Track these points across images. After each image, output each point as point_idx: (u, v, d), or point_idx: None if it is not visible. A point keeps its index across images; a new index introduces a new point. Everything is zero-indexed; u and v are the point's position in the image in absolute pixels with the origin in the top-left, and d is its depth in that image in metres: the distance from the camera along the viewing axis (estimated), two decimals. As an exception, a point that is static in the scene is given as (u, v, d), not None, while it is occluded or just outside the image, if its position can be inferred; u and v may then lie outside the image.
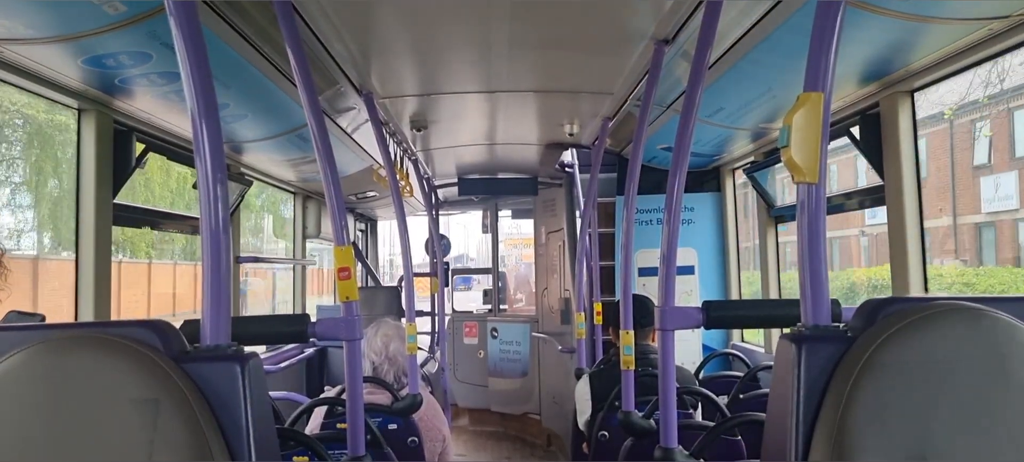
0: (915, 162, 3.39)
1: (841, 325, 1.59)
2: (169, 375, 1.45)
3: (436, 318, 7.81)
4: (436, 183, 7.64)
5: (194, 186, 1.71)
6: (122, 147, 3.36)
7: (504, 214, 9.78)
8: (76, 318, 3.21)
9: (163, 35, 2.53)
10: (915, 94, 3.37)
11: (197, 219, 1.70)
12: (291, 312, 6.66)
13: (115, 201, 3.34)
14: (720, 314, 2.32)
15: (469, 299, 12.90)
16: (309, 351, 6.41)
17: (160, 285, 16.36)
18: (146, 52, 2.71)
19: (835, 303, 1.67)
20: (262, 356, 5.46)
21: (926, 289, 3.39)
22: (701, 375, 4.82)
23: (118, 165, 3.33)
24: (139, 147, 3.49)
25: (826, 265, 1.62)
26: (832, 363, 1.47)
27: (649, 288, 5.47)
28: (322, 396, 3.57)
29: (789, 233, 4.45)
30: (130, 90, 3.11)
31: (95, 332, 1.52)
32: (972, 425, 1.33)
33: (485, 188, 7.65)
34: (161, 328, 1.56)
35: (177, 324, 1.68)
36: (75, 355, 1.44)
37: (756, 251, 5.34)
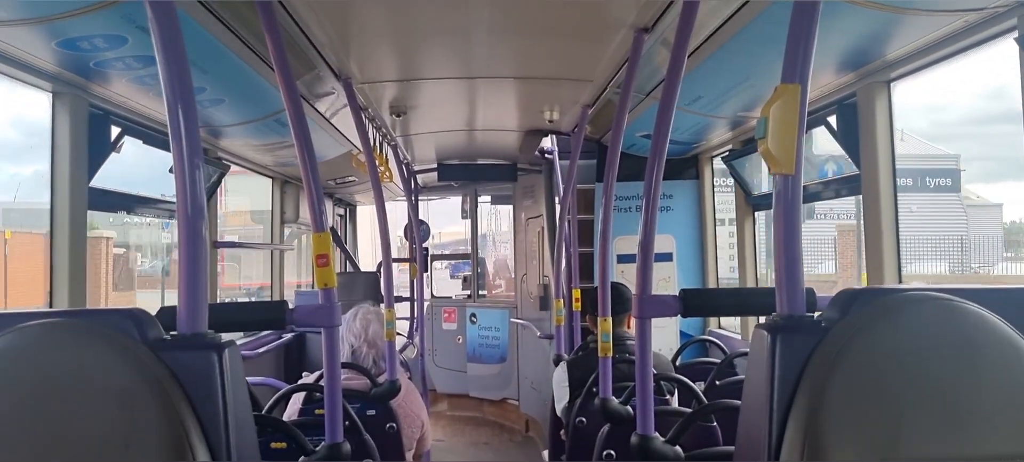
0: (891, 153, 3.41)
1: (816, 315, 1.60)
2: (146, 363, 1.44)
3: (415, 304, 7.80)
4: (416, 168, 7.61)
5: (171, 170, 1.70)
6: (98, 131, 3.33)
7: (484, 200, 9.77)
8: (51, 305, 3.18)
9: (139, 18, 2.50)
10: (892, 85, 3.40)
11: (174, 203, 1.69)
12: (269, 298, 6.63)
13: (91, 185, 3.30)
14: (697, 302, 2.33)
15: (449, 285, 12.86)
16: (287, 336, 6.39)
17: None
18: (122, 35, 2.68)
19: (810, 292, 1.69)
20: (240, 341, 5.44)
21: (900, 279, 3.43)
22: (678, 361, 4.85)
23: (94, 149, 3.30)
24: (115, 131, 3.45)
25: (801, 255, 1.63)
26: (806, 353, 1.48)
27: (627, 275, 5.48)
28: (300, 382, 3.56)
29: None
30: (106, 74, 3.07)
31: (71, 320, 1.50)
32: (944, 415, 1.35)
33: (465, 174, 7.65)
34: (137, 316, 1.55)
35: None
36: (51, 343, 1.43)
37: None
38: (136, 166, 4.01)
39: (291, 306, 2.34)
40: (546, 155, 6.50)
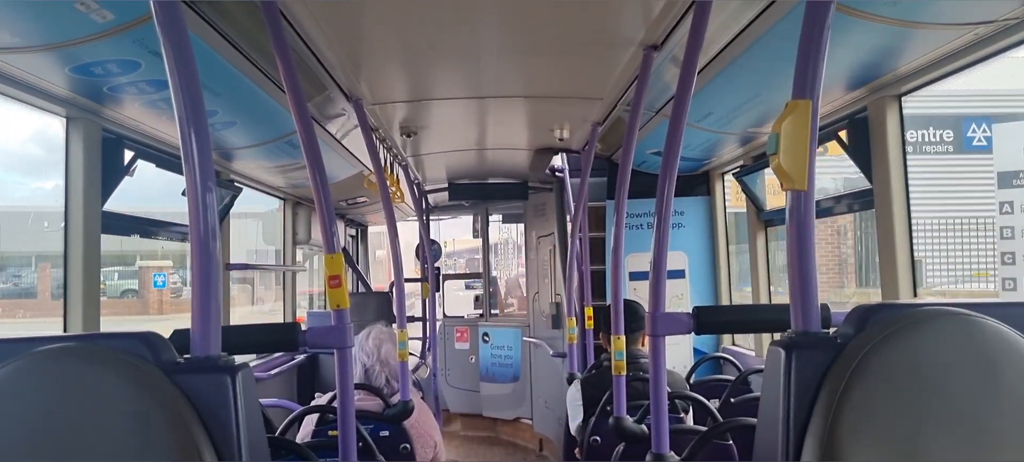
0: (903, 166, 3.40)
1: (831, 331, 1.59)
2: (159, 387, 1.44)
3: (427, 323, 7.80)
4: (427, 188, 7.63)
5: (183, 193, 1.71)
6: (111, 155, 3.35)
7: (495, 219, 9.77)
8: (65, 329, 3.19)
9: (151, 43, 2.52)
10: (903, 99, 3.39)
11: (187, 226, 1.70)
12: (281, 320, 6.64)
13: (104, 209, 3.32)
14: (710, 320, 2.32)
15: (462, 300, 12.82)
16: (300, 358, 6.40)
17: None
18: (134, 60, 2.70)
19: (825, 308, 1.68)
20: (253, 363, 5.44)
21: (915, 294, 3.41)
22: (692, 379, 4.82)
23: (107, 173, 3.32)
24: (128, 154, 3.47)
25: (816, 271, 1.62)
26: (822, 369, 1.47)
27: (640, 292, 5.47)
28: (313, 404, 3.56)
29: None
30: (119, 98, 3.09)
31: (85, 344, 1.51)
32: (962, 430, 1.33)
33: (476, 193, 7.65)
34: (151, 339, 1.55)
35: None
36: (65, 367, 1.43)
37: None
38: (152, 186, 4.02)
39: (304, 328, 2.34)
40: (557, 173, 6.51)
